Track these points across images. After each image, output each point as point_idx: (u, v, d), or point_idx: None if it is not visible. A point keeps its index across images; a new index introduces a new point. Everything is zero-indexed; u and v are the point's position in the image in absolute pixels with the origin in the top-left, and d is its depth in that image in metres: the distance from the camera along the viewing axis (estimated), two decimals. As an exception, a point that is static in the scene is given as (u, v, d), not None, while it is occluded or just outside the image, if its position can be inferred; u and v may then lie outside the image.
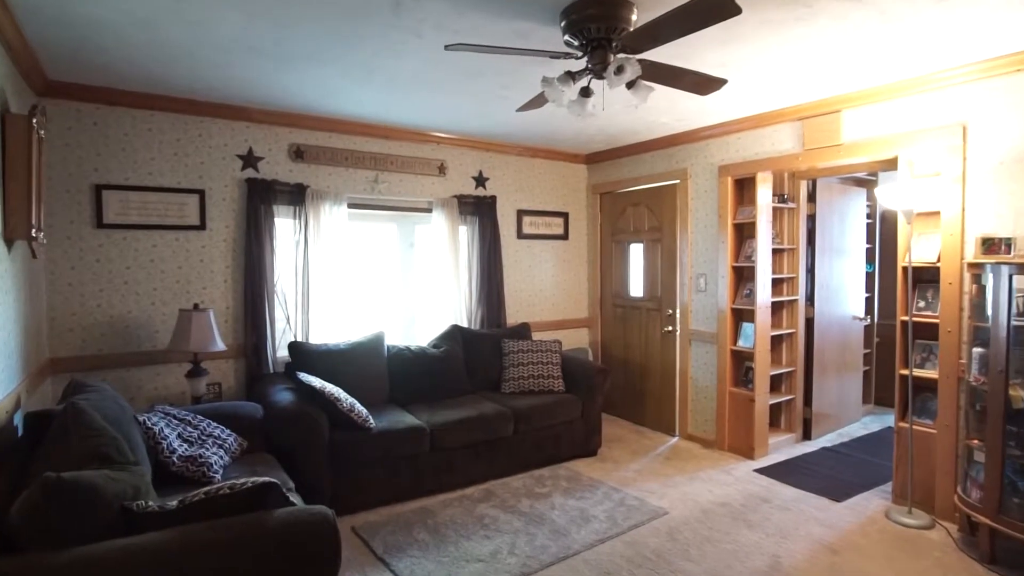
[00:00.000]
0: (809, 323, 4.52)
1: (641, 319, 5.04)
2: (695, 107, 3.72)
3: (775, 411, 4.47)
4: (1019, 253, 2.80)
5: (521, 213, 5.07)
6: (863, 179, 5.14)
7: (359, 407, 3.26)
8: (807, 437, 4.52)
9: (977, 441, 2.81)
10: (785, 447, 4.33)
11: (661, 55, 2.56)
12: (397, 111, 3.81)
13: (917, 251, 3.25)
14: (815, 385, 4.52)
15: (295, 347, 3.66)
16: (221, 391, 3.66)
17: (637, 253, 5.10)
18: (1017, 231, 2.83)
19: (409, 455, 3.37)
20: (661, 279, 4.85)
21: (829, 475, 3.79)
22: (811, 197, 4.49)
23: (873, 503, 3.37)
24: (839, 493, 3.49)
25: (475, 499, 3.42)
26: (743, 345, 4.23)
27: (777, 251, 4.38)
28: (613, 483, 3.68)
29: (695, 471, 3.91)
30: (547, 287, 5.28)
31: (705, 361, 4.45)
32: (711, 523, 3.13)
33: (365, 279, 4.38)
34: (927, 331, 3.24)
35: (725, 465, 4.00)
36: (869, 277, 5.22)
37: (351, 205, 4.14)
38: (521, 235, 5.08)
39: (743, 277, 4.30)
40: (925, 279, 3.27)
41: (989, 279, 2.72)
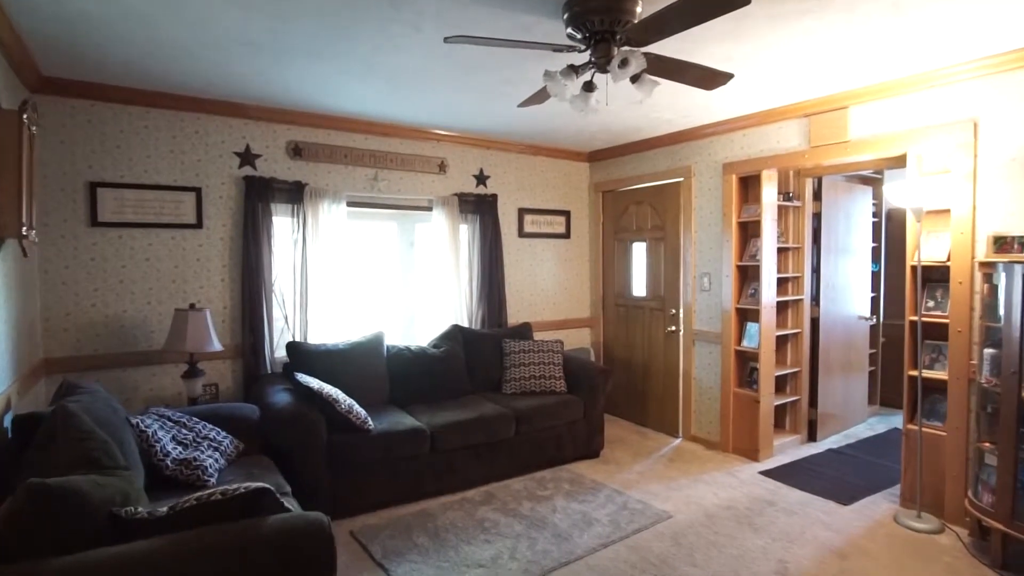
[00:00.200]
0: (814, 323, 4.46)
1: (644, 319, 4.98)
2: (700, 103, 3.66)
3: (780, 412, 4.41)
4: (1032, 252, 2.74)
5: (522, 211, 5.01)
6: (869, 177, 5.08)
7: (358, 408, 3.21)
8: (812, 439, 4.45)
9: (989, 444, 2.75)
10: (790, 449, 4.27)
11: (665, 49, 2.50)
12: (397, 108, 3.75)
13: (926, 250, 3.18)
14: (820, 386, 4.45)
15: (293, 347, 3.61)
16: (218, 392, 3.61)
17: (640, 252, 5.04)
18: (1030, 229, 2.77)
19: (409, 457, 3.32)
20: (664, 278, 4.79)
21: (835, 477, 3.73)
22: (816, 195, 4.43)
23: (881, 506, 3.31)
24: (846, 496, 3.43)
25: (476, 502, 3.36)
26: (747, 345, 4.17)
27: (782, 250, 4.32)
28: (616, 485, 3.62)
29: (699, 473, 3.85)
30: (549, 286, 5.22)
31: (709, 361, 4.40)
32: (716, 527, 3.08)
33: (364, 278, 4.32)
34: (936, 331, 3.18)
35: (729, 467, 3.94)
36: (875, 276, 5.16)
37: (350, 203, 4.09)
38: (522, 234, 5.02)
39: (747, 276, 4.24)
40: (934, 278, 3.21)
41: (1002, 278, 2.66)
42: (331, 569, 1.72)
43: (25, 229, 2.40)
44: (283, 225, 3.84)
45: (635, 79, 2.21)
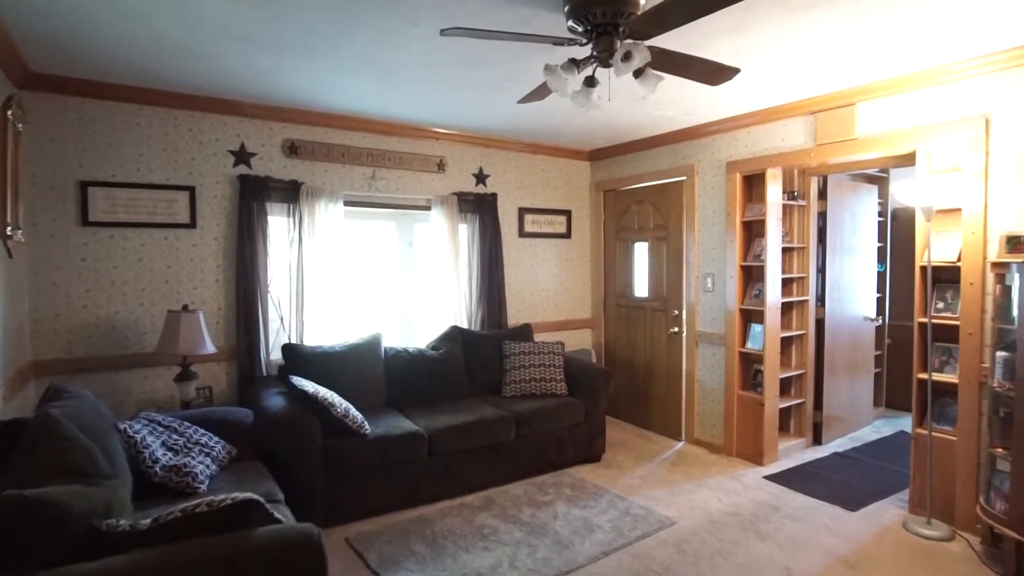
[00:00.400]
0: (819, 324, 4.38)
1: (646, 320, 4.91)
2: (704, 100, 3.58)
3: (784, 415, 4.33)
4: (1046, 252, 2.66)
5: (523, 211, 4.94)
6: (874, 176, 5.00)
7: (354, 412, 3.14)
8: (817, 442, 4.38)
9: (1001, 449, 2.68)
10: (795, 452, 4.20)
11: (669, 43, 2.42)
12: (395, 105, 3.68)
13: (936, 250, 3.11)
14: (826, 388, 4.38)
15: (289, 349, 3.54)
16: (212, 395, 3.54)
17: (642, 252, 4.96)
18: (1044, 229, 2.70)
19: (406, 461, 3.25)
20: (667, 279, 4.72)
21: (842, 482, 3.65)
22: (822, 194, 4.35)
23: (889, 512, 3.24)
24: (853, 502, 3.36)
25: (475, 507, 3.29)
26: (752, 347, 4.10)
27: (787, 250, 4.24)
28: (618, 490, 3.55)
29: (703, 478, 3.77)
30: (549, 287, 5.15)
31: (712, 363, 4.32)
32: (721, 534, 3.00)
33: (362, 279, 4.25)
34: (946, 333, 3.10)
35: (733, 471, 3.87)
36: (880, 277, 5.08)
37: (347, 203, 4.02)
38: (523, 233, 4.95)
39: (752, 277, 4.16)
40: (944, 279, 3.13)
41: (1015, 279, 2.58)
42: (322, 584, 1.66)
43: (10, 229, 2.33)
44: (279, 225, 3.77)
45: (638, 74, 2.14)
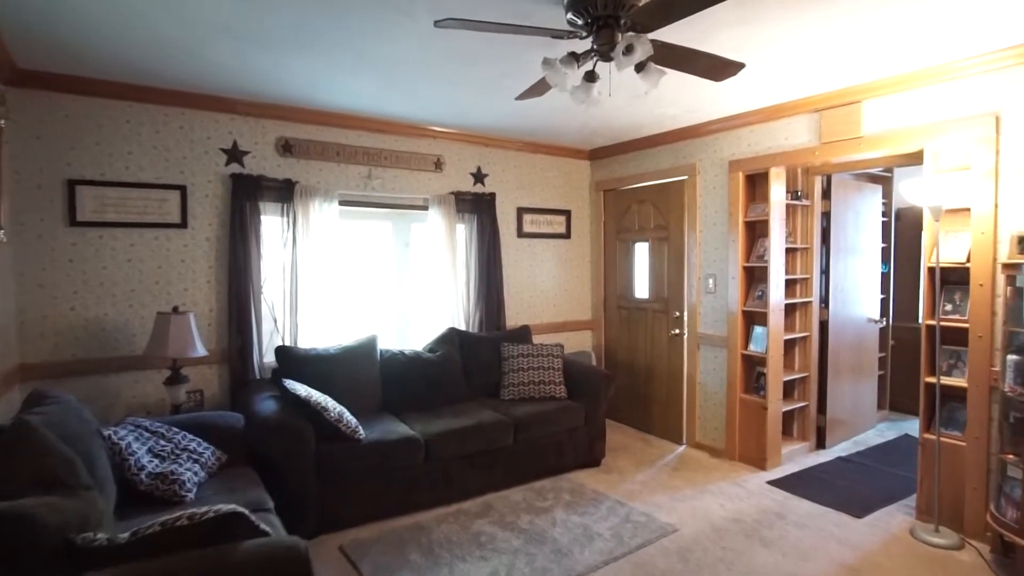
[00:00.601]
0: (823, 326, 4.31)
1: (647, 321, 4.84)
2: (706, 97, 3.51)
3: (787, 418, 4.25)
4: (1059, 253, 2.59)
5: (521, 211, 4.87)
6: (878, 175, 4.93)
7: (348, 416, 3.06)
8: (821, 446, 4.31)
9: (1013, 456, 2.61)
10: (799, 456, 4.12)
11: (671, 38, 2.35)
12: (391, 102, 3.61)
13: (944, 251, 3.03)
14: (829, 391, 4.30)
15: (282, 352, 3.46)
16: (203, 399, 3.46)
17: (642, 252, 4.89)
18: (1056, 229, 2.63)
19: (402, 467, 3.17)
20: (668, 280, 4.64)
21: (847, 487, 3.58)
22: (825, 194, 4.28)
23: (896, 519, 3.16)
24: (859, 508, 3.29)
25: (472, 514, 3.22)
26: (754, 349, 4.02)
27: (790, 250, 4.16)
28: (618, 496, 3.47)
29: (705, 483, 3.70)
30: (548, 288, 5.07)
31: (714, 366, 4.25)
32: (724, 542, 2.93)
33: (357, 280, 4.17)
34: (954, 336, 3.03)
35: (736, 476, 3.80)
36: (884, 278, 5.01)
37: (343, 202, 3.94)
38: (521, 234, 4.88)
39: (754, 278, 4.09)
40: (952, 280, 3.06)
41: (1027, 281, 2.52)
42: (309, 600, 1.58)
43: (-9, 228, 2.26)
44: (272, 225, 3.69)
45: (640, 68, 2.06)
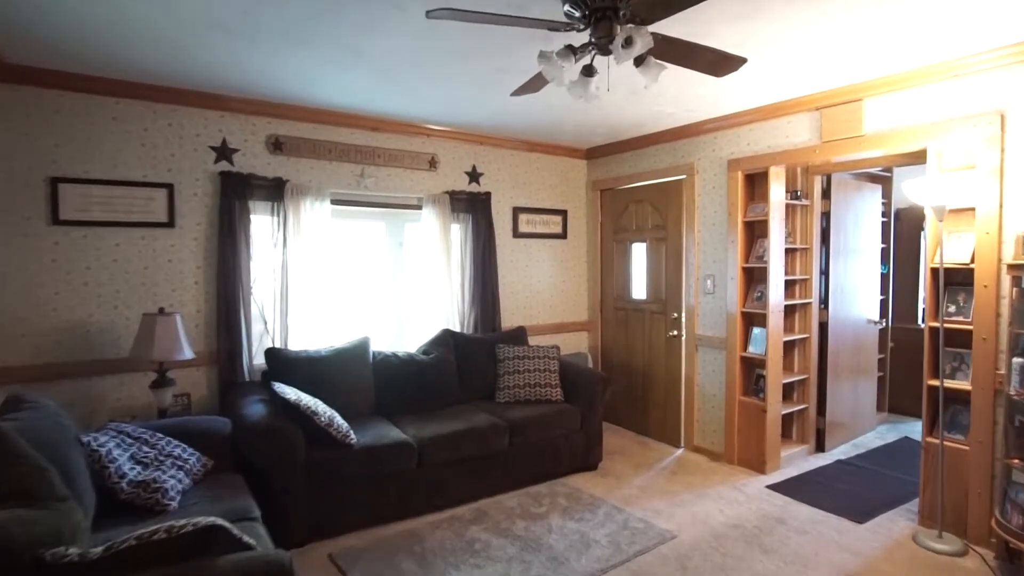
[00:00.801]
0: (823, 327, 4.26)
1: (644, 323, 4.77)
2: (705, 95, 3.45)
3: (786, 421, 4.20)
4: (1066, 253, 2.54)
5: (517, 210, 4.80)
6: (878, 175, 4.88)
7: (339, 421, 2.99)
8: (820, 449, 4.25)
9: (1018, 461, 2.55)
10: (798, 460, 4.06)
11: (671, 32, 2.28)
12: (384, 99, 3.53)
13: (948, 251, 2.98)
14: (829, 393, 4.25)
15: (272, 354, 3.38)
16: (191, 402, 3.37)
17: (640, 253, 4.82)
18: (1063, 229, 2.57)
19: (395, 472, 3.10)
20: (666, 280, 4.58)
21: (847, 492, 3.52)
22: (825, 194, 4.22)
23: (898, 525, 3.11)
24: (860, 513, 3.23)
25: (466, 520, 3.14)
26: (753, 351, 3.96)
27: (790, 251, 4.11)
28: (616, 501, 3.40)
29: (703, 487, 3.64)
30: (545, 289, 5.00)
31: (713, 368, 4.19)
32: (724, 548, 2.86)
33: (350, 281, 4.09)
34: (958, 338, 2.97)
35: (735, 481, 3.73)
36: (884, 278, 4.96)
37: (335, 201, 3.86)
38: (517, 234, 4.81)
39: (754, 279, 4.03)
40: (955, 281, 3.01)
41: (1034, 282, 2.47)
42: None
43: (-35, 227, 2.17)
44: (262, 224, 3.61)
45: (639, 62, 2.00)
